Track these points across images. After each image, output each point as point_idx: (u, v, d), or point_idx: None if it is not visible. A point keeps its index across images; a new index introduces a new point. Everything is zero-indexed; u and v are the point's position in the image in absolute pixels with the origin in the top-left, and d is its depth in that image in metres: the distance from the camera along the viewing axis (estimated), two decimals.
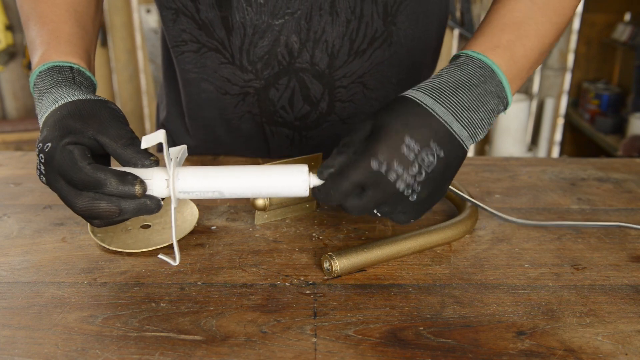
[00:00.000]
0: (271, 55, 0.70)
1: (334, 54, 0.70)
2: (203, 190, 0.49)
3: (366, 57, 0.72)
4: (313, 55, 0.70)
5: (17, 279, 0.53)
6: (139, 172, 0.49)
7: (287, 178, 0.49)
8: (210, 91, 0.75)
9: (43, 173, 0.50)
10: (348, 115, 0.76)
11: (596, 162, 0.83)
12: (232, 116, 0.77)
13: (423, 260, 0.57)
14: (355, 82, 0.73)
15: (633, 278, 0.54)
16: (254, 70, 0.71)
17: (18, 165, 0.79)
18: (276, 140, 0.78)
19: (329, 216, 0.65)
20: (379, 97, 0.75)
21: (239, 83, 0.73)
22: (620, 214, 0.67)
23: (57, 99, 0.53)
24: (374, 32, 0.70)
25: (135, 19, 2.54)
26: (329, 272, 0.53)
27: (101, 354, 0.43)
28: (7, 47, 2.42)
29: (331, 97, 0.74)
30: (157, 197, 0.49)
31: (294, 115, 0.75)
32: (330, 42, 0.70)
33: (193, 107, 0.78)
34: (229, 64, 0.72)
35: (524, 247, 0.59)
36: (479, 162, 0.83)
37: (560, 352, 0.44)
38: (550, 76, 2.64)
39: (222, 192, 0.50)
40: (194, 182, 0.49)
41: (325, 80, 0.72)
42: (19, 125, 2.40)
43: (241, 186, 0.50)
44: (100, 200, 0.48)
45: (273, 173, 0.50)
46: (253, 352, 0.44)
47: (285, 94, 0.73)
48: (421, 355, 0.44)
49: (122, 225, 0.61)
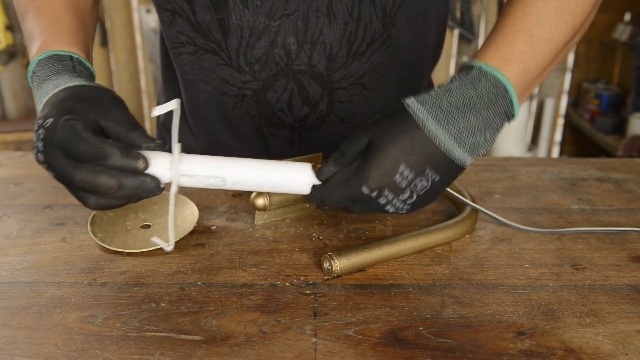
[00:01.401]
0: (268, 56, 0.70)
1: (332, 56, 0.70)
2: (206, 174, 0.49)
3: (365, 58, 0.71)
4: (311, 57, 0.70)
5: (17, 279, 0.53)
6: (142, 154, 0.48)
7: (291, 173, 0.50)
8: (209, 91, 0.75)
9: (40, 150, 0.48)
10: (347, 116, 0.76)
11: (596, 162, 0.83)
12: (231, 116, 0.77)
13: (423, 260, 0.57)
14: (355, 84, 0.73)
15: (633, 278, 0.54)
16: (251, 72, 0.71)
17: (18, 165, 0.79)
18: (276, 141, 0.78)
19: (329, 216, 0.65)
20: (379, 97, 0.75)
21: (237, 84, 0.73)
22: (620, 214, 0.67)
23: (58, 84, 0.53)
24: (373, 33, 0.70)
25: (135, 19, 2.54)
26: (329, 272, 0.53)
27: (101, 354, 0.43)
28: (7, 47, 2.43)
29: (330, 99, 0.73)
30: (159, 179, 0.48)
31: (293, 117, 0.75)
32: (328, 44, 0.69)
33: (192, 107, 0.78)
34: (226, 66, 0.72)
35: (524, 247, 0.59)
36: (479, 162, 0.83)
37: (560, 352, 0.44)
38: (550, 76, 2.65)
39: (224, 178, 0.49)
40: (197, 164, 0.49)
41: (323, 82, 0.72)
42: (19, 125, 2.40)
43: (245, 175, 0.49)
44: (101, 173, 0.47)
45: (277, 167, 0.50)
46: (253, 352, 0.44)
47: (283, 96, 0.73)
48: (421, 355, 0.44)
49: (122, 226, 0.61)
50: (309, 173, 0.50)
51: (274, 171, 0.50)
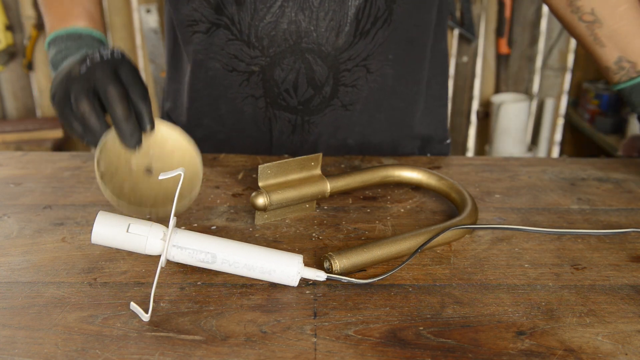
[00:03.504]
0: (277, 32, 0.72)
1: (340, 34, 0.72)
2: (197, 249, 0.50)
3: (370, 38, 0.74)
4: (319, 35, 0.72)
5: (17, 279, 0.53)
6: (137, 222, 0.49)
7: (281, 263, 0.50)
8: (216, 69, 0.77)
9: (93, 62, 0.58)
10: (350, 102, 0.78)
11: (596, 162, 0.83)
12: (236, 95, 0.78)
13: (423, 260, 0.57)
14: (359, 66, 0.76)
15: (633, 278, 0.54)
16: (260, 47, 0.74)
17: (18, 165, 0.79)
18: (278, 125, 0.79)
19: (329, 216, 0.65)
20: (377, 78, 0.78)
21: (245, 59, 0.75)
22: (620, 214, 0.67)
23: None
24: (377, 11, 0.73)
25: (135, 19, 2.54)
26: (329, 272, 0.53)
27: (101, 354, 0.43)
28: (7, 47, 2.42)
29: (335, 81, 0.76)
30: (152, 246, 0.50)
31: (297, 99, 0.77)
32: (336, 22, 0.71)
33: (198, 86, 0.80)
34: (237, 40, 0.74)
35: (523, 247, 0.59)
36: (479, 162, 0.83)
37: (560, 352, 0.44)
38: (550, 76, 2.64)
39: (215, 255, 0.50)
40: (190, 238, 0.50)
41: (330, 62, 0.74)
42: (19, 125, 2.40)
43: (235, 255, 0.50)
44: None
45: (269, 253, 0.51)
46: (253, 352, 0.44)
47: (290, 76, 0.75)
48: (421, 355, 0.44)
49: (126, 164, 0.60)
50: (299, 263, 0.51)
51: (265, 257, 0.51)
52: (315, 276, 0.51)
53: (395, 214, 0.66)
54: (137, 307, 0.47)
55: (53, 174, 0.76)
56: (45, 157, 0.81)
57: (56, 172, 0.76)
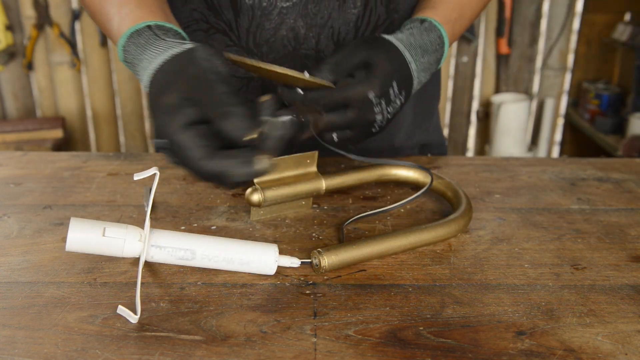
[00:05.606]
0: (277, 38, 0.72)
1: (339, 41, 0.72)
2: (176, 247, 0.50)
3: None
4: (318, 42, 0.72)
5: (17, 279, 0.53)
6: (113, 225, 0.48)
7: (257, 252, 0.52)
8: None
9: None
10: None
11: (596, 162, 0.83)
12: None
13: (423, 260, 0.57)
14: None
15: (633, 278, 0.54)
16: (259, 53, 0.73)
17: (18, 165, 0.79)
18: None
19: (328, 216, 0.65)
20: None
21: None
22: (620, 214, 0.67)
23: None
24: (377, 19, 0.73)
25: None
26: (317, 269, 0.53)
27: (101, 354, 0.43)
28: (7, 47, 2.42)
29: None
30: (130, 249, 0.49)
31: None
32: (336, 29, 0.72)
33: None
34: (235, 46, 0.74)
35: (523, 247, 0.59)
36: (479, 162, 0.83)
37: (560, 352, 0.44)
38: (550, 76, 2.64)
39: (194, 251, 0.50)
40: (168, 237, 0.50)
41: None
42: (19, 125, 2.40)
43: (214, 249, 0.51)
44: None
45: (246, 245, 0.52)
46: (253, 352, 0.44)
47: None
48: (421, 355, 0.44)
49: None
50: (275, 252, 0.52)
51: (243, 249, 0.51)
52: (290, 263, 0.53)
53: (395, 214, 0.66)
54: (124, 309, 0.47)
55: (53, 174, 0.76)
56: (45, 157, 0.81)
57: (56, 172, 0.76)
